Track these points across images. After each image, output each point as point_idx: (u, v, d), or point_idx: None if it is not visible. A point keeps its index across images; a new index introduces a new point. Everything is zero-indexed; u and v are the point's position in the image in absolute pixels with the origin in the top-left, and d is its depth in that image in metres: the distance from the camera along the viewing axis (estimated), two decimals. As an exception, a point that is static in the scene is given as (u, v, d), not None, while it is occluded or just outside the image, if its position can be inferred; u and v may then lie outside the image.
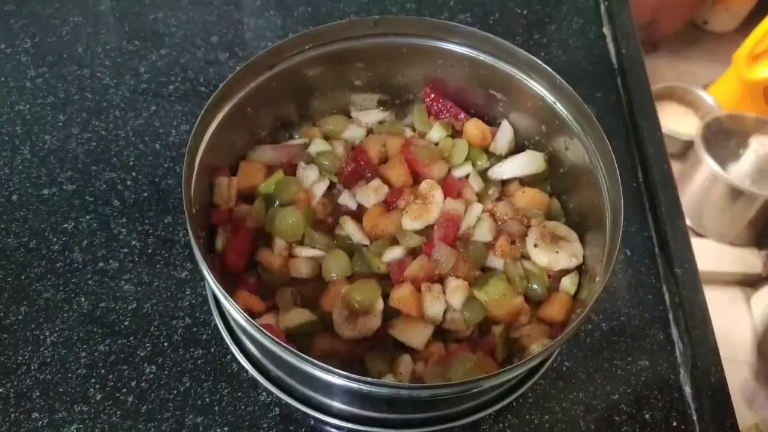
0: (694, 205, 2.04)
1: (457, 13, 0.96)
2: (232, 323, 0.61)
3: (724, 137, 2.04)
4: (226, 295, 0.50)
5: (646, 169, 0.82)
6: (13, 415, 0.60)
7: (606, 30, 0.96)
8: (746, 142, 2.01)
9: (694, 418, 0.66)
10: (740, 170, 1.96)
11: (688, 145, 2.11)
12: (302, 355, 0.48)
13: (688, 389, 0.67)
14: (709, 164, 1.93)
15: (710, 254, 1.97)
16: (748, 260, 1.96)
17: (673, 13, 2.35)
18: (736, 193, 1.91)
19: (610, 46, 0.94)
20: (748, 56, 2.08)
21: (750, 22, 2.34)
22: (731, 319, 1.74)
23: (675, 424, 0.65)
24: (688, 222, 2.02)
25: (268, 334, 0.49)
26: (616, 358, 0.68)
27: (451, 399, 0.57)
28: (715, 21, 2.53)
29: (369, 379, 0.48)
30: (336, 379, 0.49)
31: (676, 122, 2.23)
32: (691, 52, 2.54)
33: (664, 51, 2.50)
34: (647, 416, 0.65)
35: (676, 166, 2.13)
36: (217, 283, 0.50)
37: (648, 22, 2.31)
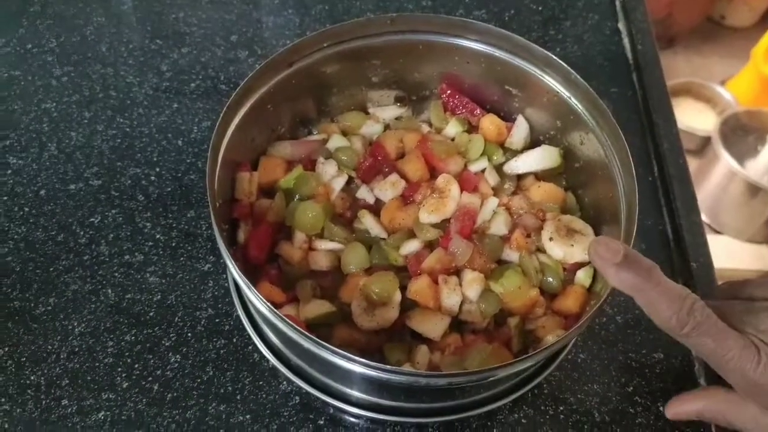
0: (712, 202, 2.03)
1: (473, 10, 0.97)
2: (254, 314, 0.63)
3: (742, 133, 2.02)
4: (250, 285, 0.52)
5: (661, 164, 0.82)
6: (44, 402, 0.62)
7: (621, 26, 0.96)
8: (764, 138, 2.00)
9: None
10: (758, 166, 1.95)
11: (705, 141, 2.10)
12: (323, 343, 0.49)
13: (702, 382, 0.68)
14: (726, 160, 1.92)
15: (728, 251, 1.96)
16: (766, 257, 1.95)
17: (689, 8, 2.33)
18: (754, 190, 1.90)
19: (626, 41, 0.94)
20: (766, 51, 2.06)
21: (769, 17, 2.33)
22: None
23: (689, 416, 0.66)
24: (705, 218, 2.02)
25: (290, 322, 0.50)
26: (630, 351, 0.69)
27: (468, 388, 0.58)
28: (733, 16, 2.51)
29: (388, 366, 0.49)
30: (355, 366, 0.50)
31: (693, 118, 2.22)
32: (708, 48, 2.52)
33: (680, 46, 2.49)
34: (661, 408, 0.66)
35: (693, 162, 2.14)
36: (241, 274, 0.52)
37: (664, 17, 2.30)
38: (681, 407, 0.58)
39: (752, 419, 0.52)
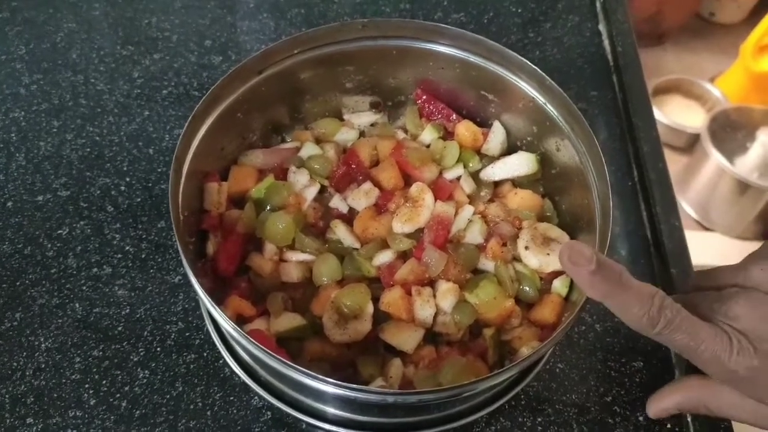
0: (701, 199, 2.03)
1: (451, 13, 0.95)
2: (223, 330, 0.61)
3: (731, 130, 2.02)
4: (212, 302, 0.50)
5: (641, 168, 0.81)
6: (8, 421, 0.60)
7: (602, 27, 0.95)
8: (754, 134, 2.00)
9: (689, 419, 0.65)
10: (748, 163, 1.95)
11: (694, 139, 2.10)
12: (288, 362, 0.48)
13: (683, 390, 0.67)
14: (715, 158, 1.92)
15: (717, 248, 1.95)
16: (756, 254, 1.94)
17: (678, 5, 2.33)
18: (743, 187, 1.89)
19: (606, 43, 0.93)
20: (755, 48, 2.06)
21: (757, 14, 2.32)
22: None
23: (669, 426, 0.64)
24: (695, 216, 2.02)
25: (254, 341, 0.49)
26: (609, 360, 0.68)
27: (442, 403, 0.57)
28: (722, 12, 2.51)
29: (355, 386, 0.48)
30: (323, 385, 0.49)
31: (682, 115, 2.22)
32: (697, 44, 2.52)
33: (669, 43, 2.48)
34: (641, 418, 0.65)
35: (682, 160, 2.14)
36: (205, 293, 0.51)
37: (653, 14, 2.29)
38: (660, 404, 0.59)
39: (731, 405, 0.53)
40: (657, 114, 2.16)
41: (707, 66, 2.42)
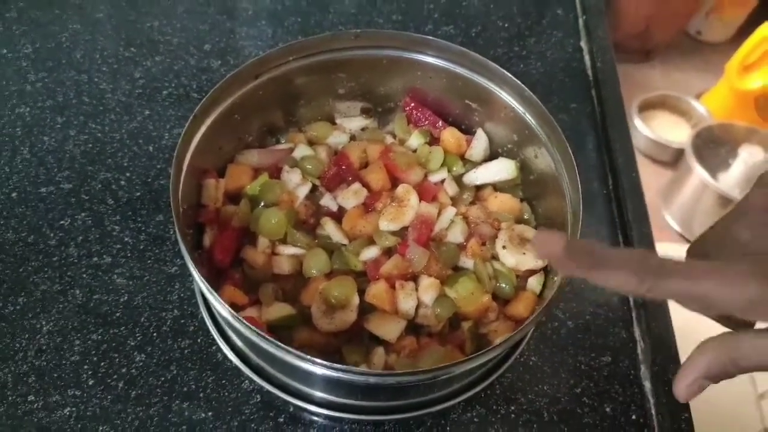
0: (685, 213, 2.08)
1: (441, 25, 1.00)
2: (217, 316, 0.65)
3: (714, 146, 2.07)
4: (211, 289, 0.54)
5: (616, 177, 0.86)
6: (10, 398, 0.64)
7: (583, 43, 1.00)
8: (736, 151, 2.05)
9: (653, 411, 0.69)
10: (730, 179, 2.00)
11: (679, 153, 2.15)
12: (280, 344, 0.52)
13: (647, 384, 0.71)
14: (699, 173, 1.97)
15: (699, 261, 2.00)
16: (736, 267, 1.99)
17: (666, 23, 2.39)
18: (725, 202, 1.94)
19: (587, 59, 0.98)
20: (739, 66, 2.12)
21: (743, 33, 2.39)
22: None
23: (634, 417, 0.69)
24: (678, 229, 2.07)
25: (250, 325, 0.53)
26: (580, 354, 0.72)
27: (421, 387, 0.60)
28: (709, 31, 2.57)
29: (340, 366, 0.52)
30: (311, 366, 0.52)
31: (668, 130, 2.27)
32: (684, 62, 2.58)
33: (657, 60, 2.55)
34: (608, 409, 0.69)
35: (667, 174, 2.19)
36: (202, 278, 0.54)
37: (641, 31, 2.35)
38: (685, 381, 0.45)
39: (758, 347, 0.42)
40: (643, 129, 2.22)
41: (693, 83, 2.48)
